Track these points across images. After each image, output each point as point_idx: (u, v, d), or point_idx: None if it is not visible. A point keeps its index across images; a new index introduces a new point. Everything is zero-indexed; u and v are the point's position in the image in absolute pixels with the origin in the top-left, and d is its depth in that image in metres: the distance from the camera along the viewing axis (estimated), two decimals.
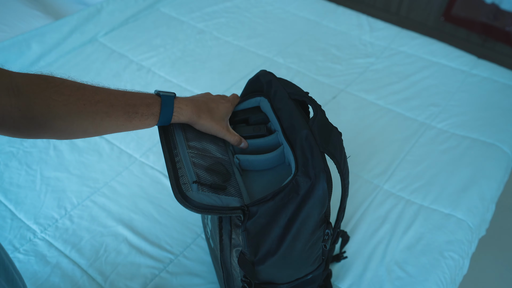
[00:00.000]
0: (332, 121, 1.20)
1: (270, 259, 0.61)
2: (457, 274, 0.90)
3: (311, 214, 0.59)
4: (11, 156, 1.06)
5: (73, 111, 0.53)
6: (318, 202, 0.58)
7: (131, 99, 0.58)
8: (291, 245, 0.60)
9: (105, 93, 0.56)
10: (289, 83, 0.72)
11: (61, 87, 0.53)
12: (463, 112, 1.25)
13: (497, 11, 2.12)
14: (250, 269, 0.62)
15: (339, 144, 0.64)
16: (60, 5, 1.66)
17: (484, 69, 1.41)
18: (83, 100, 0.54)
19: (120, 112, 0.56)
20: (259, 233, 0.59)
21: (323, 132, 0.62)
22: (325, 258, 0.71)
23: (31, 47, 1.36)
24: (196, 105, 0.65)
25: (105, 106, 0.55)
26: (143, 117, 0.59)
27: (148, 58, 1.41)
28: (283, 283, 0.68)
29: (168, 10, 1.67)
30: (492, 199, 1.04)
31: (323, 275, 0.75)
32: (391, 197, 1.01)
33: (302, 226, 0.59)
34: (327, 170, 0.58)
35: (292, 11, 1.70)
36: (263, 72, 0.76)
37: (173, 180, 0.57)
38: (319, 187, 0.58)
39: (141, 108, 0.58)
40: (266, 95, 0.73)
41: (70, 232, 0.91)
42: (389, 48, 1.51)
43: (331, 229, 0.62)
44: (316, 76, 1.38)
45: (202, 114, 0.65)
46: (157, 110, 0.60)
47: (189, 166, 0.60)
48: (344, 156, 0.65)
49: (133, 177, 1.04)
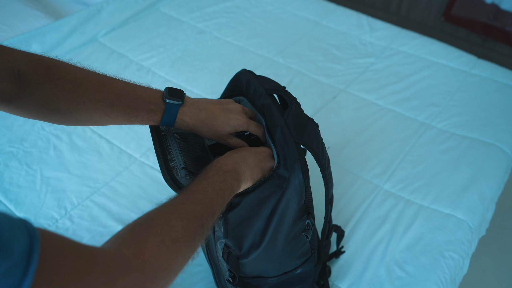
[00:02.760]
0: (332, 121, 1.21)
1: (254, 252, 0.62)
2: (457, 274, 0.90)
3: (290, 205, 0.59)
4: (11, 156, 1.06)
5: (72, 106, 0.52)
6: (295, 192, 0.59)
7: (134, 101, 0.55)
8: (274, 237, 0.60)
9: (107, 91, 0.54)
10: (267, 79, 0.73)
11: (63, 80, 0.51)
12: (463, 112, 1.25)
13: (497, 11, 2.12)
14: (235, 262, 0.62)
15: (315, 135, 0.64)
16: (60, 5, 1.66)
17: (484, 69, 1.41)
18: (83, 98, 0.52)
19: (120, 113, 0.55)
20: (240, 225, 0.60)
21: (298, 124, 0.63)
22: (314, 251, 0.70)
23: (31, 47, 1.36)
24: (200, 119, 0.61)
25: (106, 105, 0.54)
26: (143, 121, 0.57)
27: (148, 58, 1.41)
28: (271, 276, 0.69)
29: (168, 10, 1.67)
30: (492, 199, 1.04)
31: (315, 270, 0.75)
32: (391, 197, 1.01)
33: (282, 217, 0.60)
34: (301, 160, 0.59)
35: (292, 11, 1.70)
36: (243, 71, 0.76)
37: (162, 162, 0.58)
38: (294, 177, 0.59)
39: (141, 113, 0.56)
40: (245, 94, 0.74)
41: (70, 232, 0.91)
42: (389, 48, 1.51)
43: (311, 219, 0.63)
44: (316, 76, 1.38)
45: (204, 128, 0.62)
46: (157, 118, 0.58)
47: (177, 153, 0.61)
48: (322, 146, 0.65)
49: (133, 177, 1.04)
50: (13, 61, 0.48)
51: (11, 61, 0.47)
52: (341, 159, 1.10)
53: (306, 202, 0.61)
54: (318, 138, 0.65)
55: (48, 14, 1.54)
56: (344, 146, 1.13)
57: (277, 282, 0.71)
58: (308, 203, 0.62)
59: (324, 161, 0.64)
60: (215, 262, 0.66)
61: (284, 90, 0.70)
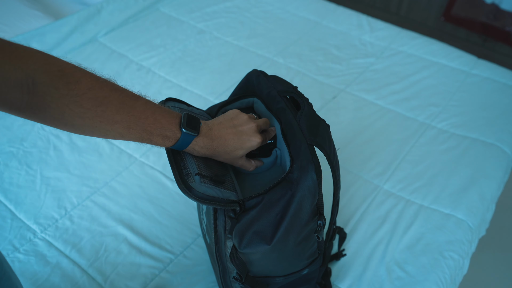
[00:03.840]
0: (332, 121, 1.21)
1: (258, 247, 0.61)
2: (457, 274, 0.90)
3: (303, 206, 0.59)
4: (11, 156, 1.06)
5: (87, 124, 0.50)
6: (308, 193, 0.59)
7: (151, 126, 0.54)
8: (284, 238, 0.60)
9: (127, 114, 0.52)
10: (279, 79, 0.73)
11: (83, 97, 0.47)
12: (463, 112, 1.25)
13: (497, 11, 2.12)
14: (241, 263, 0.62)
15: (327, 136, 0.65)
16: (60, 5, 1.66)
17: (484, 69, 1.41)
18: (101, 118, 0.50)
19: (134, 136, 0.54)
20: (250, 225, 0.60)
21: (310, 125, 0.63)
22: (321, 252, 0.71)
23: (31, 47, 1.36)
24: (212, 148, 0.61)
25: (122, 127, 0.52)
26: (155, 145, 0.57)
27: (148, 58, 1.41)
28: (278, 276, 0.68)
29: (168, 10, 1.67)
30: (492, 199, 1.04)
31: (320, 271, 0.75)
32: (391, 197, 1.01)
33: (295, 218, 0.59)
34: (315, 161, 0.59)
35: (292, 11, 1.70)
36: (254, 72, 0.76)
37: (175, 171, 0.58)
38: (307, 177, 0.59)
39: (155, 138, 0.55)
40: (258, 96, 0.74)
41: (70, 232, 0.91)
42: (389, 48, 1.51)
43: (323, 220, 0.63)
44: (316, 76, 1.38)
45: (216, 154, 0.62)
46: (171, 144, 0.57)
47: (190, 158, 0.61)
48: (333, 148, 0.65)
49: (133, 177, 1.04)
50: (28, 69, 0.44)
51: (25, 70, 0.44)
52: (341, 159, 1.09)
53: (318, 203, 0.61)
54: (330, 139, 0.65)
55: (48, 14, 1.54)
56: (344, 146, 1.13)
57: (283, 283, 0.71)
58: (320, 204, 0.62)
59: (335, 163, 0.64)
60: (223, 261, 0.66)
61: (296, 90, 0.69)
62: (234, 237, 0.59)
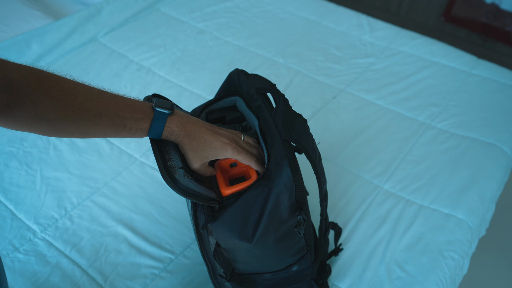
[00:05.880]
0: (332, 121, 1.21)
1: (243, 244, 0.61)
2: (457, 274, 0.90)
3: (281, 202, 0.59)
4: (11, 156, 1.06)
5: (60, 116, 0.52)
6: (285, 188, 0.59)
7: (122, 110, 0.56)
8: (265, 235, 0.60)
9: (96, 100, 0.54)
10: (258, 77, 0.73)
11: (53, 89, 0.51)
12: (463, 112, 1.25)
13: (497, 11, 2.12)
14: (225, 261, 0.63)
15: (304, 130, 0.64)
16: (60, 5, 1.66)
17: (484, 69, 1.41)
18: (72, 107, 0.52)
19: (108, 123, 0.55)
20: (228, 223, 0.60)
21: (285, 121, 0.63)
22: (310, 248, 0.70)
23: (31, 47, 1.36)
24: (186, 130, 0.60)
25: (93, 115, 0.54)
26: (131, 131, 0.57)
27: (148, 58, 1.42)
28: (265, 272, 0.68)
29: (168, 10, 1.67)
30: (492, 199, 1.04)
31: (313, 267, 0.74)
32: (391, 197, 1.01)
33: (273, 215, 0.59)
34: (289, 156, 0.59)
35: (292, 11, 1.70)
36: (236, 71, 0.76)
37: (160, 161, 0.59)
38: (282, 173, 0.59)
39: (129, 122, 0.56)
40: (240, 94, 0.74)
41: (70, 232, 0.92)
42: (389, 48, 1.51)
43: (303, 215, 0.62)
44: (316, 76, 1.38)
45: (188, 142, 0.61)
46: (146, 127, 0.58)
47: (175, 152, 0.61)
48: (312, 142, 0.65)
49: (133, 177, 1.04)
50: (6, 70, 0.48)
51: (3, 71, 0.48)
52: (341, 159, 1.10)
53: (298, 198, 0.61)
54: (307, 133, 0.65)
55: (48, 14, 1.54)
56: (344, 146, 1.13)
57: (273, 281, 0.70)
58: (300, 199, 0.61)
59: (315, 157, 0.64)
60: (209, 258, 0.66)
61: (273, 88, 0.70)
62: (214, 234, 0.60)
